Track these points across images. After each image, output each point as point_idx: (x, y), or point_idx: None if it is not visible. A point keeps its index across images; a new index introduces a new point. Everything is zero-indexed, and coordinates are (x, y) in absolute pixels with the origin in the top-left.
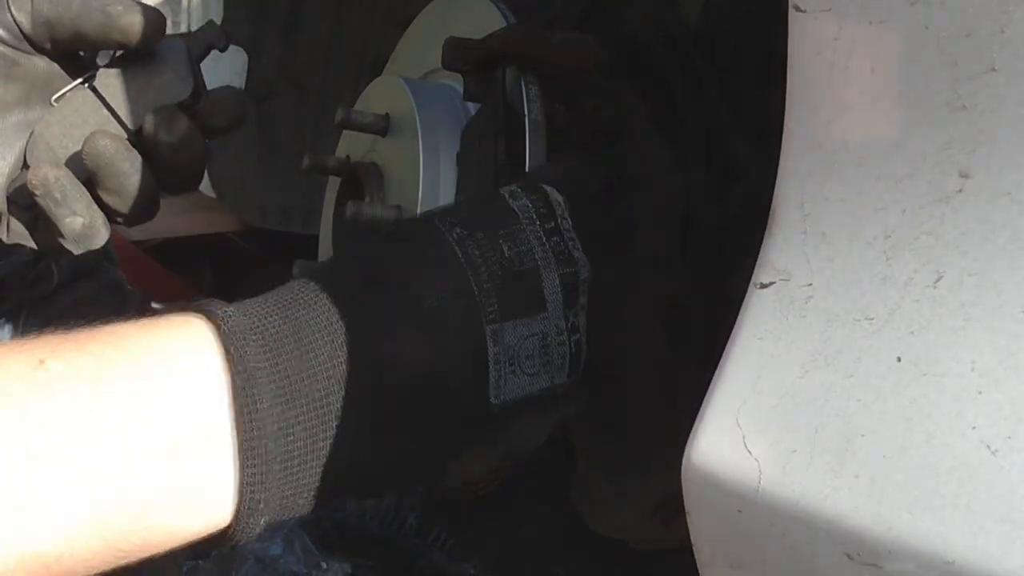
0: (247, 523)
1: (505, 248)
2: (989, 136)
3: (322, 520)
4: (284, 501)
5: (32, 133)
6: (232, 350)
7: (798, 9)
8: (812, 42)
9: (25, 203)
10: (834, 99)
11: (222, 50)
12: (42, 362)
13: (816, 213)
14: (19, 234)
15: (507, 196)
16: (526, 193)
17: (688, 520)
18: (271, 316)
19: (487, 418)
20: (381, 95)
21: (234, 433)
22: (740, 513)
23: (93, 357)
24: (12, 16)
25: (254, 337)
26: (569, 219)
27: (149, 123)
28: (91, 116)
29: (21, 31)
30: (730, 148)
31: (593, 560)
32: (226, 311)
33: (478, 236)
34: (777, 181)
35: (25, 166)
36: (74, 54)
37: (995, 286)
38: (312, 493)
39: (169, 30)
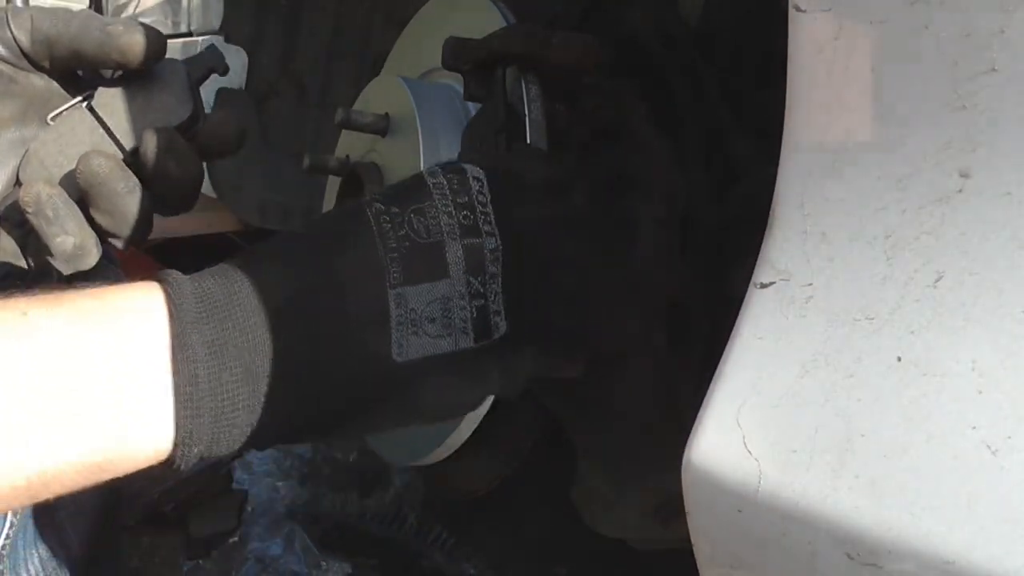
0: (184, 452)
1: (415, 220)
2: (989, 136)
3: (322, 520)
4: (215, 435)
5: (27, 151)
6: (174, 311)
7: (798, 9)
8: (812, 42)
9: (16, 220)
10: (834, 99)
11: (221, 74)
12: (24, 313)
13: (816, 213)
14: (9, 252)
15: (427, 175)
16: (444, 172)
17: (688, 520)
18: (212, 281)
19: (392, 373)
20: (381, 95)
21: (173, 378)
22: (740, 513)
23: (67, 309)
24: (12, 33)
25: (195, 300)
26: (488, 194)
27: (147, 144)
28: (87, 135)
29: (20, 48)
30: (730, 148)
31: (593, 560)
32: (176, 278)
33: (392, 210)
34: (777, 181)
35: (18, 183)
36: (73, 73)
37: (995, 286)
38: (240, 431)
39: (169, 30)
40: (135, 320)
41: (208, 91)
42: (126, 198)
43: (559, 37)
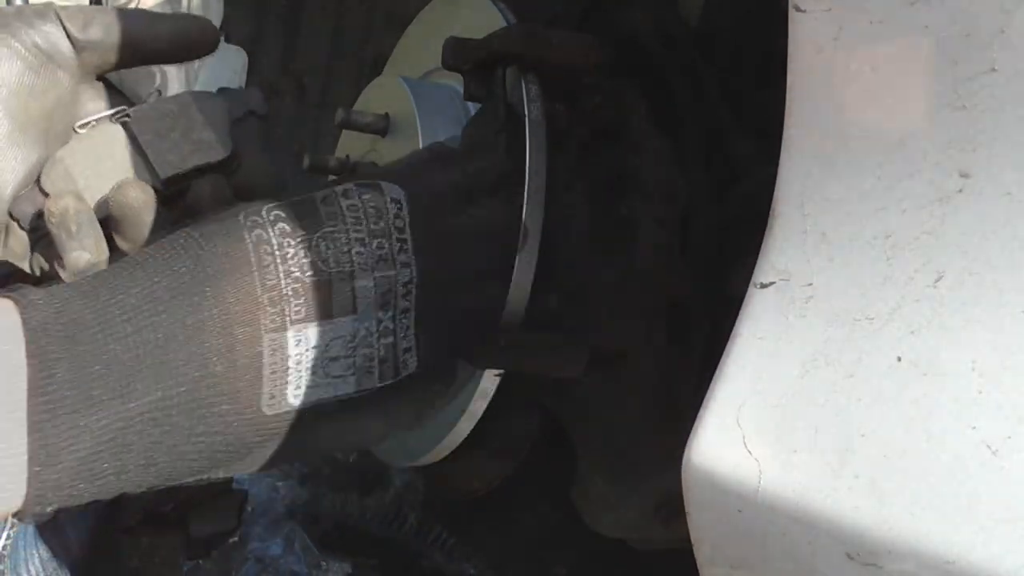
0: (34, 510)
1: (323, 247)
2: (989, 136)
3: (322, 520)
4: (72, 491)
5: (55, 156)
6: (34, 342)
7: (798, 9)
8: (812, 42)
9: (33, 223)
10: (834, 99)
11: (261, 117)
12: None
13: (816, 213)
14: (17, 254)
15: (340, 194)
16: (360, 191)
17: (688, 520)
18: (74, 302)
19: (270, 421)
20: (381, 95)
21: (29, 424)
22: (740, 513)
23: None
24: (65, 29)
25: (57, 327)
26: (406, 217)
27: (198, 190)
28: (120, 154)
29: (73, 45)
30: (730, 148)
31: (593, 560)
32: (33, 299)
33: (297, 237)
34: (777, 181)
35: (36, 184)
36: (111, 86)
37: (995, 286)
38: (102, 482)
39: None
40: None
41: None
42: (154, 232)
43: (559, 37)
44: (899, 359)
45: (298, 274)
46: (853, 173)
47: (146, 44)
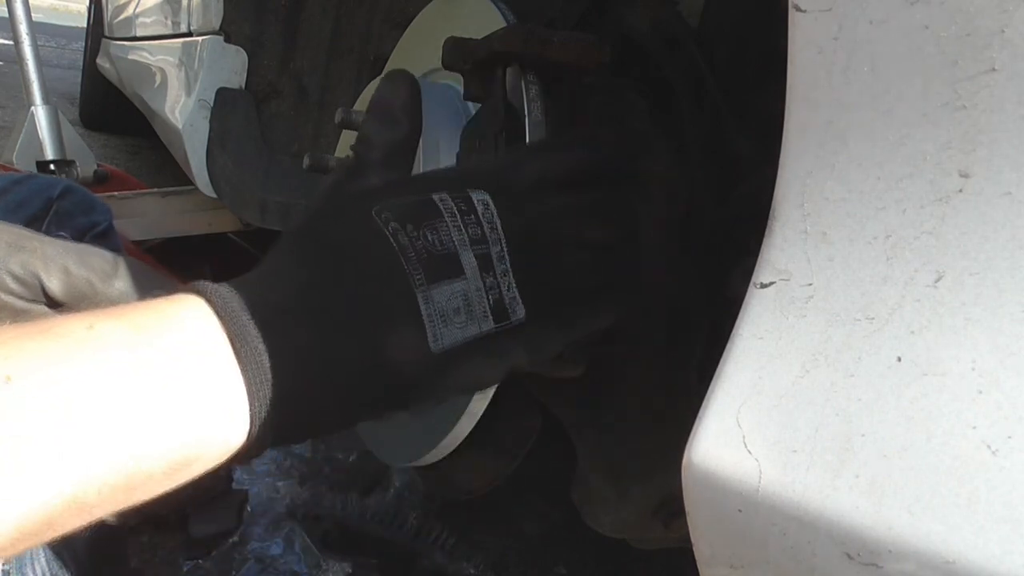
0: (259, 444)
1: (429, 235)
2: (989, 136)
3: (322, 520)
4: (283, 427)
5: None
6: (228, 318)
7: (798, 9)
8: (812, 42)
9: None
10: (834, 99)
11: None
12: (91, 327)
13: (816, 213)
14: None
15: (436, 197)
16: (452, 195)
17: (688, 520)
18: (251, 291)
19: (433, 361)
20: None
21: (241, 375)
22: (740, 513)
23: (128, 321)
24: (41, 284)
25: (242, 310)
26: (493, 210)
27: None
28: None
29: (47, 295)
30: (731, 148)
31: (594, 560)
32: (217, 290)
33: (408, 227)
34: (777, 181)
35: None
36: None
37: (995, 286)
38: (301, 422)
39: (169, 30)
40: (193, 327)
41: (208, 91)
42: None
43: (559, 37)
44: (899, 359)
45: (413, 255)
46: (853, 173)
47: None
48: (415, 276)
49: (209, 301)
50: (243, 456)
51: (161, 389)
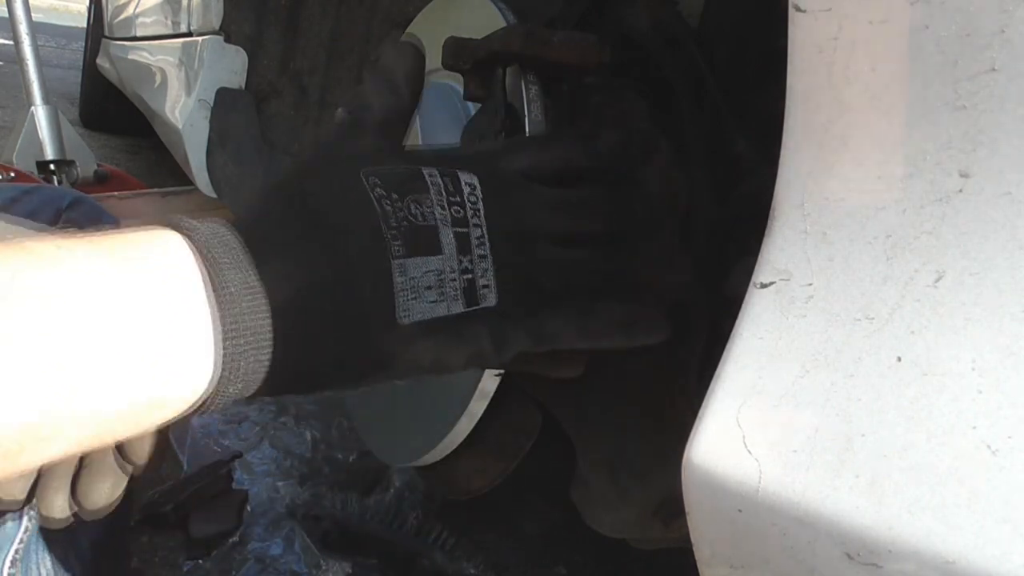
0: (223, 390)
1: (412, 206)
2: (989, 136)
3: (322, 520)
4: (251, 375)
5: None
6: (206, 254)
7: (798, 9)
8: (812, 42)
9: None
10: (834, 99)
11: None
12: (59, 246)
13: (816, 213)
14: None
15: (425, 172)
16: (440, 173)
17: (688, 520)
18: (228, 232)
19: (397, 332)
20: None
21: (216, 316)
22: (740, 513)
23: (99, 246)
24: None
25: (219, 247)
26: (479, 194)
27: None
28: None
29: None
30: (731, 148)
31: (594, 560)
32: (192, 225)
33: (392, 195)
34: (777, 181)
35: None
36: None
37: (995, 286)
38: (266, 373)
39: (169, 30)
40: (166, 260)
41: (208, 91)
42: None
43: (559, 36)
44: (899, 359)
45: (395, 224)
46: (853, 173)
47: None
48: (393, 244)
49: (186, 235)
50: (211, 403)
51: (123, 326)
